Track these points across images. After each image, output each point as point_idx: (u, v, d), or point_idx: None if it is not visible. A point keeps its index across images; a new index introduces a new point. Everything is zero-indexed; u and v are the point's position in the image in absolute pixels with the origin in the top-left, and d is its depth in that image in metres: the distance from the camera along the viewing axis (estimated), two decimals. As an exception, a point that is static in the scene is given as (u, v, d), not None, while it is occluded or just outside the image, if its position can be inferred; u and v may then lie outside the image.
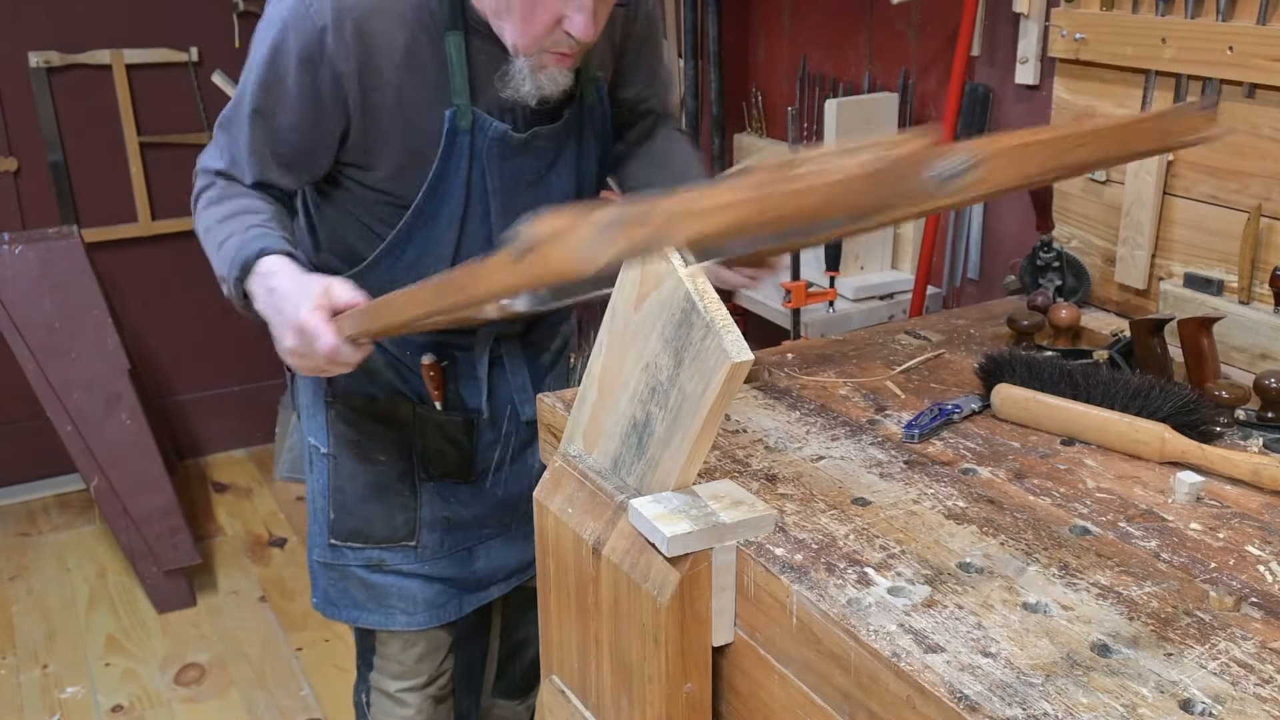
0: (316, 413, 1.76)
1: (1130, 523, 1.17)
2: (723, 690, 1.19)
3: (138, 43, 3.50)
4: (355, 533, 1.77)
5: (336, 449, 1.75)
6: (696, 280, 1.07)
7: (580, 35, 1.42)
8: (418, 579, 1.79)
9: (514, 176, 1.59)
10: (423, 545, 1.78)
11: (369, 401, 1.73)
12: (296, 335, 1.36)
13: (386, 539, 1.77)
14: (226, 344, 3.80)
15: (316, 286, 1.37)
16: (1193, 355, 1.50)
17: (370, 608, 1.80)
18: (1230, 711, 0.88)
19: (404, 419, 1.74)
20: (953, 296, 2.40)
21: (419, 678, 1.88)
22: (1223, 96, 1.64)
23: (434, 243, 1.60)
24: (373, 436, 1.74)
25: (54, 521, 3.57)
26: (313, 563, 1.82)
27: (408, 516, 1.77)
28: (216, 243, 1.48)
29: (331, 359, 1.35)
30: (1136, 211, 1.76)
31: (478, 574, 1.85)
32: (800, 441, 1.37)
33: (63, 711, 2.71)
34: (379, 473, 1.75)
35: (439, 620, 1.82)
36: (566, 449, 1.29)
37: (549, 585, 1.32)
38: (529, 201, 1.61)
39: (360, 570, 1.78)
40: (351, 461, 1.75)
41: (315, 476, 1.79)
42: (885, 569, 1.08)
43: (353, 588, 1.79)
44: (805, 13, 2.70)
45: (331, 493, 1.76)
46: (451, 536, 1.80)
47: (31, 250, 2.91)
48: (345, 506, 1.76)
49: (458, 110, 1.52)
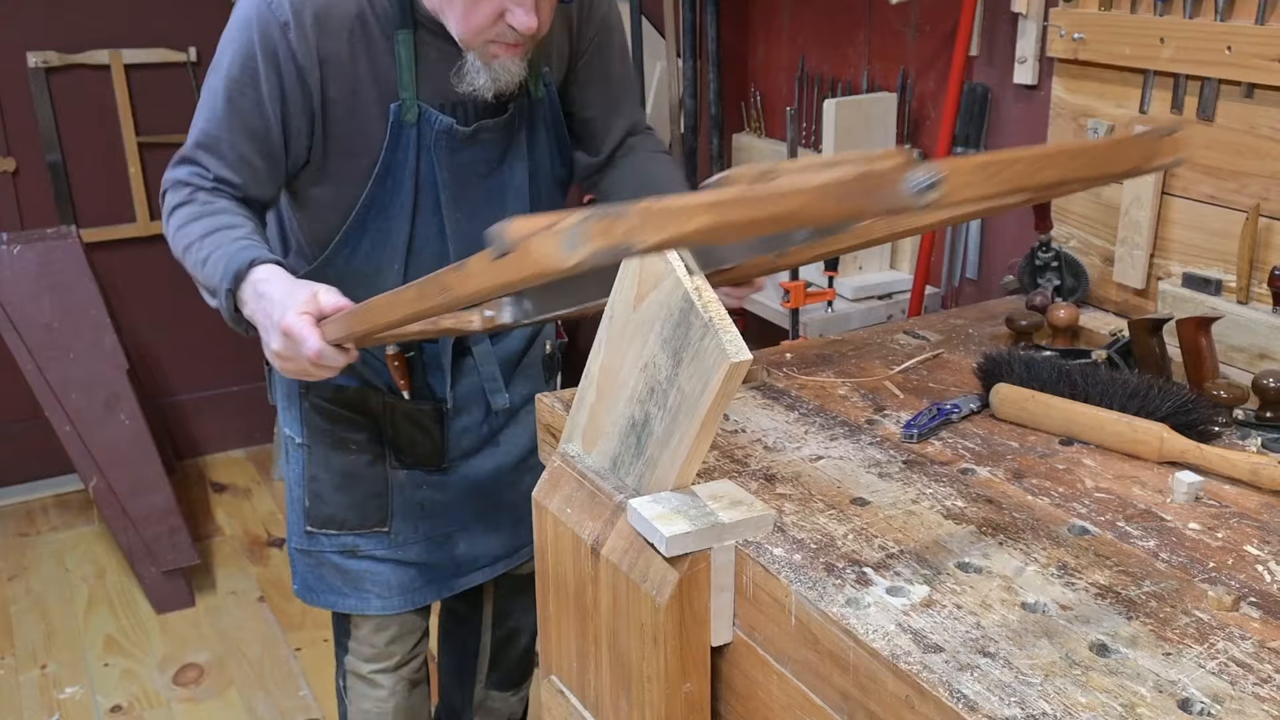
0: (291, 405, 1.81)
1: (1129, 522, 1.17)
2: (721, 690, 1.19)
3: (136, 43, 3.50)
4: (330, 520, 1.82)
5: (310, 439, 1.80)
6: (695, 280, 1.08)
7: (521, 28, 1.47)
8: (390, 563, 1.84)
9: (464, 169, 1.65)
10: (395, 531, 1.83)
11: (340, 392, 1.77)
12: (282, 338, 1.39)
13: (359, 525, 1.82)
14: (226, 344, 3.79)
15: (304, 292, 1.40)
16: (1191, 355, 1.50)
17: (346, 592, 1.85)
18: (1229, 711, 0.88)
19: (374, 409, 1.79)
20: (951, 296, 2.41)
21: (390, 660, 1.93)
22: (1221, 96, 1.64)
23: (387, 233, 1.65)
24: (345, 426, 1.79)
25: (53, 521, 3.57)
26: (291, 550, 1.88)
27: (380, 504, 1.82)
28: (200, 259, 1.51)
29: (316, 362, 1.38)
30: (1135, 211, 1.76)
31: (458, 559, 1.89)
32: (799, 441, 1.37)
33: (62, 711, 2.71)
34: (351, 461, 1.80)
35: (413, 604, 1.87)
36: (565, 449, 1.29)
37: (548, 585, 1.32)
38: (480, 193, 1.67)
39: (335, 556, 1.83)
40: (325, 450, 1.80)
41: (291, 466, 1.84)
42: (884, 569, 1.08)
43: (329, 574, 1.84)
44: (804, 13, 2.70)
45: (306, 481, 1.82)
46: (427, 523, 1.85)
47: (30, 250, 2.91)
48: (319, 495, 1.81)
49: (403, 104, 1.58)
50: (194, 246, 1.52)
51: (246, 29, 1.53)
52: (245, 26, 1.53)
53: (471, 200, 1.67)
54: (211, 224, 1.53)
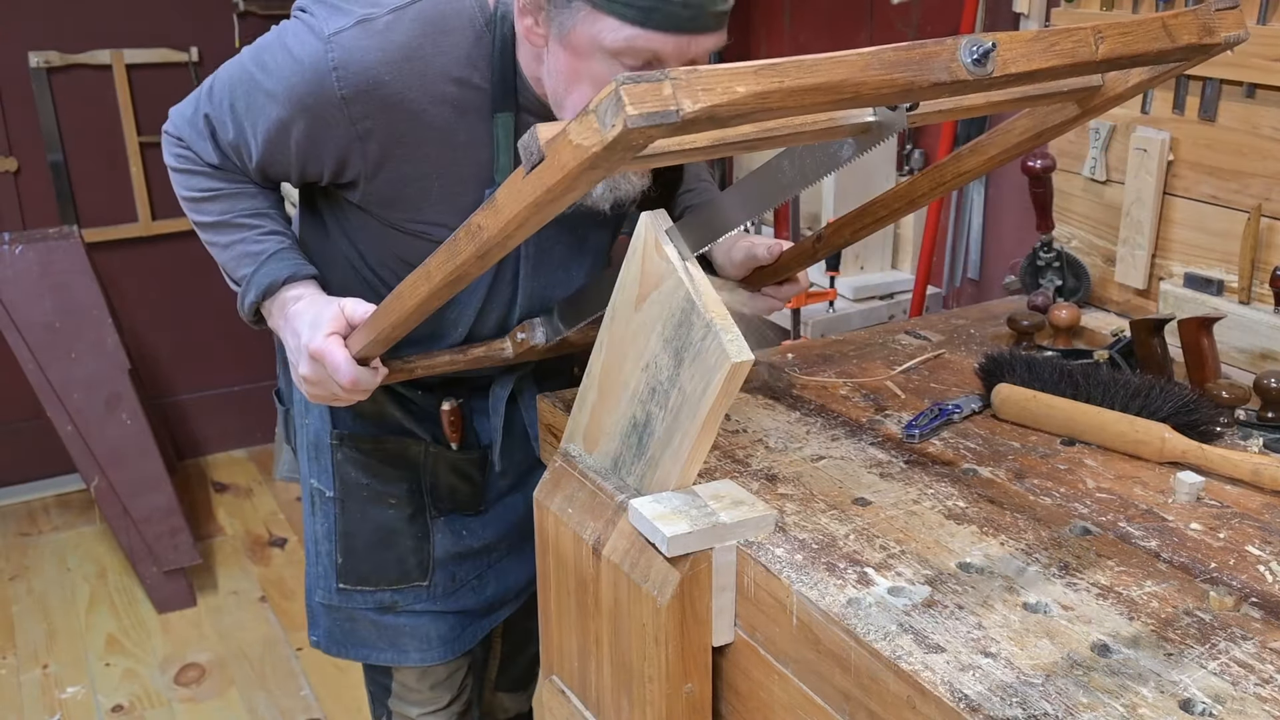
0: (320, 455, 1.70)
1: (1130, 523, 1.17)
2: (723, 690, 1.19)
3: (138, 43, 3.50)
4: (366, 577, 1.71)
5: (344, 493, 1.69)
6: (696, 279, 1.08)
7: None
8: (429, 615, 1.74)
9: (546, 239, 1.54)
10: (435, 583, 1.73)
11: (378, 444, 1.67)
12: (310, 363, 1.35)
13: (399, 580, 1.72)
14: (226, 344, 3.80)
15: (331, 309, 1.34)
16: (1193, 355, 1.50)
17: (381, 646, 1.75)
18: (1230, 711, 0.88)
19: (414, 459, 1.69)
20: (953, 296, 2.41)
21: (440, 702, 1.86)
22: (1223, 96, 1.64)
23: (459, 304, 1.55)
24: (383, 479, 1.68)
25: (54, 521, 3.57)
26: (314, 604, 1.76)
27: (421, 558, 1.72)
28: (225, 242, 1.46)
29: (351, 389, 1.33)
30: (1137, 211, 1.76)
31: (489, 600, 1.81)
32: (800, 441, 1.37)
33: (63, 711, 2.71)
34: (391, 516, 1.69)
35: (454, 653, 1.78)
36: (566, 449, 1.29)
37: (549, 585, 1.32)
38: (558, 257, 1.57)
39: (370, 613, 1.73)
40: (361, 505, 1.69)
41: (319, 520, 1.72)
42: (885, 569, 1.08)
43: (361, 628, 1.74)
44: (805, 13, 2.70)
45: (339, 537, 1.70)
46: (463, 569, 1.76)
47: (31, 250, 2.91)
48: (354, 551, 1.70)
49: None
50: (214, 229, 1.46)
51: (295, 80, 1.36)
52: (297, 71, 1.36)
53: (549, 268, 1.57)
54: (230, 206, 1.46)
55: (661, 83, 0.77)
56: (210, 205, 1.49)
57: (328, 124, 1.38)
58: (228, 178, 1.49)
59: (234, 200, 1.48)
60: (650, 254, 1.11)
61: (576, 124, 0.82)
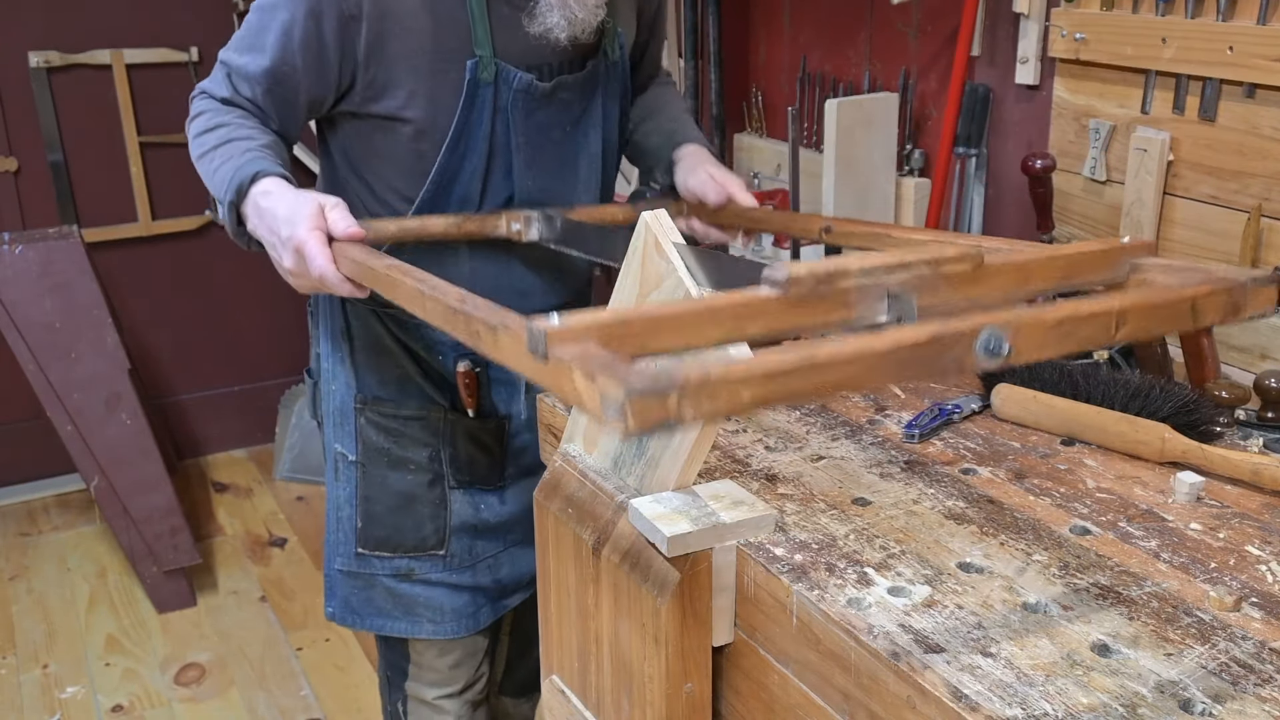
0: (345, 420, 1.74)
1: (1130, 523, 1.17)
2: (723, 690, 1.19)
3: (138, 43, 3.50)
4: (384, 542, 1.74)
5: (365, 457, 1.73)
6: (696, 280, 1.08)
7: None
8: (444, 588, 1.77)
9: (539, 132, 1.57)
10: (451, 554, 1.76)
11: (400, 408, 1.71)
12: (294, 255, 1.36)
13: (416, 548, 1.75)
14: (226, 344, 3.81)
15: (310, 207, 1.36)
16: (1193, 355, 1.50)
17: (396, 615, 1.77)
18: (1230, 711, 0.88)
19: (435, 425, 1.72)
20: (953, 296, 2.40)
21: (456, 684, 1.87)
22: (1223, 96, 1.64)
23: (457, 200, 1.58)
24: (404, 444, 1.72)
25: (54, 521, 3.57)
26: (333, 571, 1.79)
27: (437, 525, 1.75)
28: (211, 170, 1.48)
29: (322, 284, 1.35)
30: (1137, 211, 1.76)
31: (502, 581, 1.83)
32: (800, 441, 1.37)
33: (63, 711, 2.71)
34: (410, 482, 1.73)
35: (466, 630, 1.80)
36: (566, 449, 1.29)
37: (549, 585, 1.32)
38: (554, 159, 1.60)
39: (388, 579, 1.76)
40: (382, 469, 1.73)
41: (341, 484, 1.76)
42: (885, 569, 1.08)
43: (378, 596, 1.77)
44: (805, 13, 2.70)
45: (360, 501, 1.73)
46: (479, 544, 1.79)
47: (31, 250, 2.91)
48: (374, 515, 1.73)
49: (479, 61, 1.50)
50: (207, 157, 1.49)
51: None
52: None
53: (544, 166, 1.60)
54: (226, 134, 1.49)
55: (668, 396, 0.75)
56: (209, 136, 1.51)
57: (322, 16, 1.45)
58: (234, 113, 1.53)
59: (232, 129, 1.51)
60: (650, 254, 1.12)
61: (583, 382, 0.78)
